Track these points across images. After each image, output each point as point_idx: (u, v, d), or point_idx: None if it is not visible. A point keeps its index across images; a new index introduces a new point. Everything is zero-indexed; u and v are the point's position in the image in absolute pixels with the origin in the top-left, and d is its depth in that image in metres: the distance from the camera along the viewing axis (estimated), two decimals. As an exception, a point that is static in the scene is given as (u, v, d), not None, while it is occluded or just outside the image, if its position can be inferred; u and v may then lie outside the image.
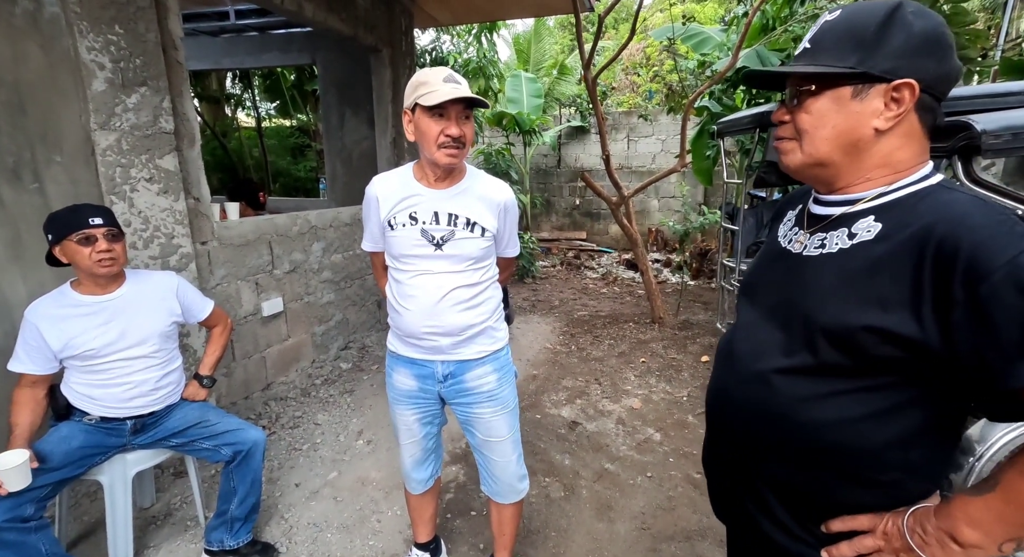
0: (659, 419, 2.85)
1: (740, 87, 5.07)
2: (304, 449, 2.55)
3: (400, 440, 1.55)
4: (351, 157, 4.99)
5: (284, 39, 4.98)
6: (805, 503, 0.76)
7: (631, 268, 6.95)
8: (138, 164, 2.13)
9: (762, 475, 0.79)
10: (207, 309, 1.86)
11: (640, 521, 2.03)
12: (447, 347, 1.36)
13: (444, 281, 1.31)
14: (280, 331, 3.18)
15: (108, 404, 1.61)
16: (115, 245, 1.54)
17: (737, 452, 0.83)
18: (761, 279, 0.87)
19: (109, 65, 1.99)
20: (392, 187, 1.35)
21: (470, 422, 1.47)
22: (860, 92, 0.69)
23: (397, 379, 1.46)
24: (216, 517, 1.78)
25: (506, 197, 1.38)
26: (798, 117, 0.74)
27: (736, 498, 0.86)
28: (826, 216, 0.78)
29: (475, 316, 1.36)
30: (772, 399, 0.75)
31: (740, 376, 0.81)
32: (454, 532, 1.98)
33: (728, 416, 0.84)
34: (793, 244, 0.81)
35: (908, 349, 0.64)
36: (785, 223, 0.89)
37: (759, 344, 0.80)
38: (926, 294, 0.63)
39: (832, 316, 0.69)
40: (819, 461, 0.72)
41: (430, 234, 1.30)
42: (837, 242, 0.74)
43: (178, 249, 2.34)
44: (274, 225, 3.06)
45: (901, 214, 0.69)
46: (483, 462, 1.53)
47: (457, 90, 1.18)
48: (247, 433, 1.77)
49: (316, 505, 2.13)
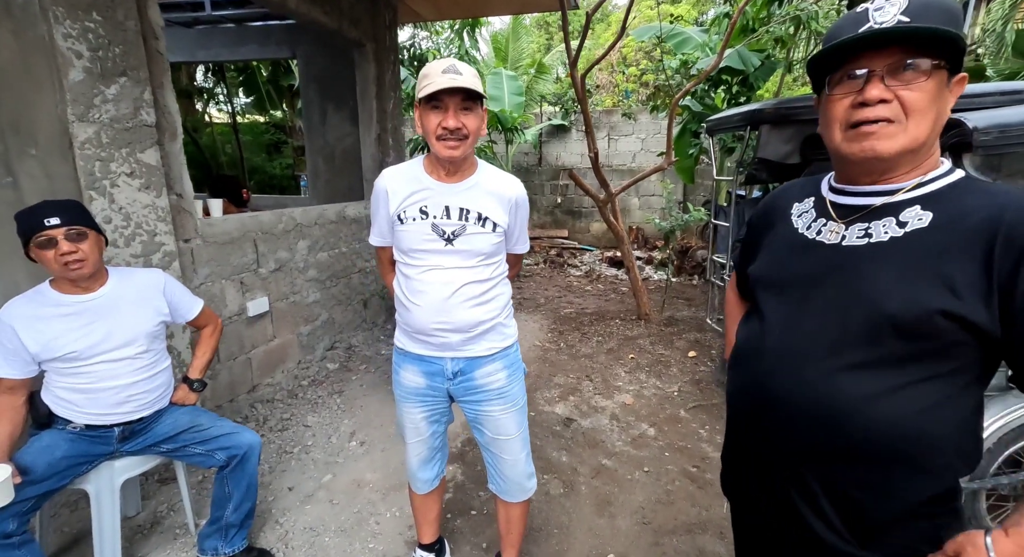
0: (652, 414, 2.87)
1: (721, 86, 5.17)
2: (295, 452, 2.48)
3: (406, 439, 1.52)
4: (333, 154, 4.88)
5: (262, 32, 4.84)
6: (861, 502, 0.74)
7: (614, 265, 7.01)
8: (118, 158, 2.03)
9: (818, 475, 0.77)
10: (196, 308, 1.79)
11: (641, 516, 2.04)
12: (457, 344, 1.34)
13: (454, 276, 1.28)
14: (266, 331, 3.09)
15: (93, 410, 1.52)
16: (80, 245, 1.44)
17: (785, 454, 0.80)
18: (790, 273, 0.84)
19: (87, 54, 1.89)
20: (402, 180, 1.31)
21: (479, 420, 1.45)
22: (949, 79, 0.70)
23: (405, 377, 1.43)
24: (210, 524, 1.71)
25: (518, 192, 1.36)
26: (908, 96, 0.69)
27: (779, 499, 0.83)
28: (863, 206, 0.77)
29: (485, 312, 1.34)
30: (835, 398, 0.73)
31: (789, 375, 0.78)
32: (455, 532, 1.96)
33: (774, 417, 0.80)
34: (826, 235, 0.80)
35: (974, 334, 0.65)
36: (800, 215, 0.87)
37: (807, 341, 0.77)
38: (995, 280, 0.64)
39: (902, 304, 0.68)
40: (889, 456, 0.71)
41: (441, 228, 1.27)
42: (887, 231, 0.73)
43: (161, 247, 2.25)
44: (259, 223, 2.97)
45: (950, 203, 0.70)
46: (491, 460, 1.51)
47: (454, 80, 1.14)
48: (242, 437, 1.71)
49: (311, 509, 2.07)
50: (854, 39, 0.70)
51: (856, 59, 0.72)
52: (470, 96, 1.19)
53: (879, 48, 0.70)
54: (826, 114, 0.78)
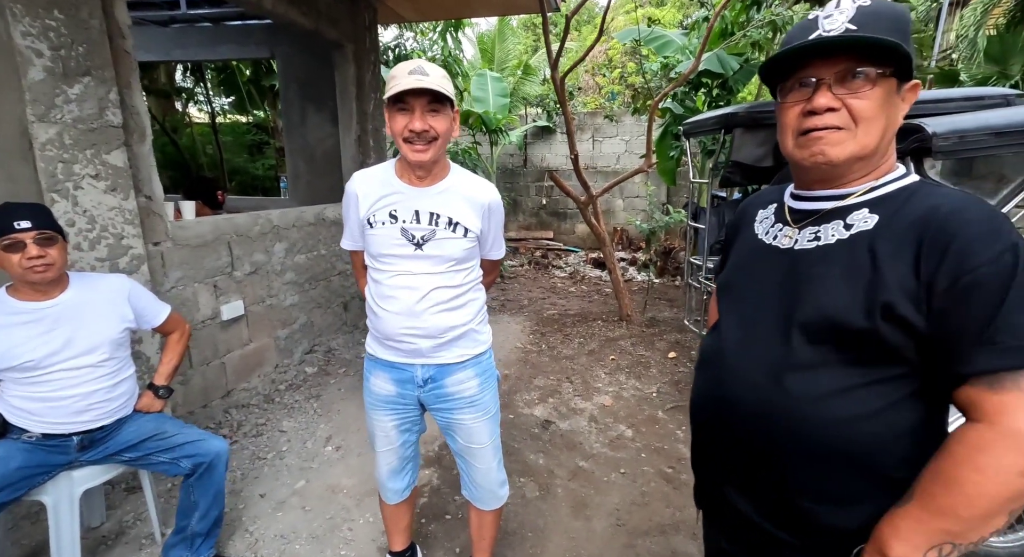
0: (630, 416, 2.88)
1: (701, 89, 5.22)
2: (269, 458, 2.45)
3: (376, 448, 1.49)
4: (314, 155, 4.83)
5: (240, 31, 4.77)
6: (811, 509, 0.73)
7: (598, 267, 7.04)
8: (82, 160, 1.99)
9: (769, 479, 0.77)
10: (162, 314, 1.75)
11: (615, 517, 2.05)
12: (427, 350, 1.32)
13: (424, 282, 1.27)
14: (241, 335, 3.04)
15: (51, 419, 1.48)
16: (48, 249, 1.41)
17: (740, 456, 0.80)
18: (746, 278, 0.85)
19: (48, 53, 1.85)
20: (373, 184, 1.29)
21: (451, 428, 1.43)
22: (899, 85, 0.71)
23: (375, 383, 1.41)
24: (175, 533, 1.68)
25: (491, 197, 1.34)
26: (856, 104, 0.69)
27: (736, 505, 0.83)
28: (814, 211, 0.78)
29: (456, 318, 1.32)
30: (783, 398, 0.73)
31: (741, 377, 0.79)
32: (429, 537, 1.94)
33: (728, 419, 0.81)
34: (781, 240, 0.81)
35: (909, 334, 0.65)
36: (762, 221, 0.88)
37: (758, 343, 0.78)
38: (922, 278, 0.64)
39: (841, 306, 0.69)
40: (835, 460, 0.71)
41: (410, 233, 1.25)
42: (834, 233, 0.74)
43: (128, 250, 2.20)
44: (234, 225, 2.92)
45: (896, 206, 0.71)
46: (464, 467, 1.50)
47: (419, 81, 1.12)
48: (208, 444, 1.68)
49: (283, 516, 2.04)
50: (801, 47, 0.71)
51: (805, 67, 0.72)
52: (437, 98, 1.16)
53: (827, 57, 0.70)
54: (780, 121, 0.79)
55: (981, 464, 0.60)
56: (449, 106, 1.20)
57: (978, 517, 0.60)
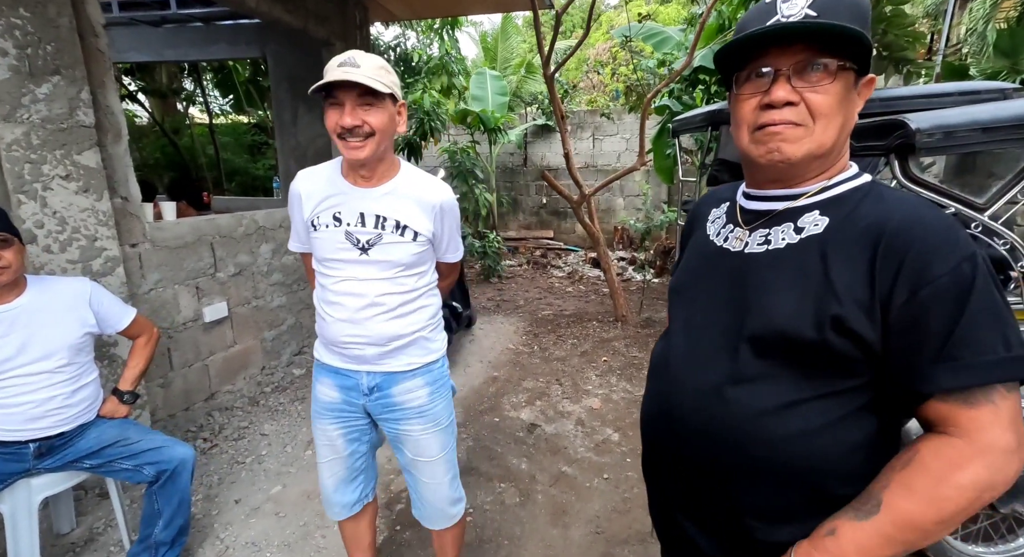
0: (618, 419, 2.82)
1: (699, 86, 5.13)
2: (247, 462, 2.41)
3: (319, 459, 1.39)
4: (305, 155, 4.80)
5: (231, 31, 4.75)
6: (751, 526, 0.69)
7: (597, 266, 6.97)
8: (52, 160, 1.96)
9: (711, 494, 0.73)
10: (126, 318, 1.72)
11: (595, 525, 1.99)
12: (372, 357, 1.26)
13: (369, 288, 1.21)
14: (225, 337, 3.01)
15: (6, 426, 1.45)
16: (3, 252, 1.39)
17: (684, 471, 0.76)
18: (696, 281, 0.81)
19: (13, 51, 1.82)
20: (317, 183, 1.23)
21: (399, 439, 1.36)
22: (857, 80, 0.67)
23: (320, 390, 1.35)
24: (138, 543, 1.65)
25: (442, 198, 1.26)
26: (814, 99, 0.64)
27: (674, 519, 0.80)
28: (766, 212, 0.73)
29: (404, 326, 1.26)
30: (726, 413, 0.69)
31: (685, 389, 0.74)
32: (403, 545, 1.90)
33: (672, 434, 0.76)
34: (731, 242, 0.76)
35: (861, 348, 0.62)
36: (714, 221, 0.83)
37: (703, 353, 0.74)
38: (876, 291, 0.61)
39: (789, 315, 0.65)
40: (781, 477, 0.67)
41: (355, 237, 1.19)
42: (784, 237, 0.70)
43: (102, 252, 2.17)
44: (216, 226, 2.89)
45: (848, 209, 0.67)
46: (412, 483, 1.41)
47: (347, 73, 1.04)
48: (172, 451, 1.64)
49: (256, 522, 2.01)
50: (759, 34, 0.65)
51: (763, 56, 0.67)
52: (369, 90, 1.08)
53: (785, 45, 0.65)
54: (734, 114, 0.73)
55: (961, 482, 0.58)
56: (388, 99, 1.12)
57: (944, 530, 0.60)
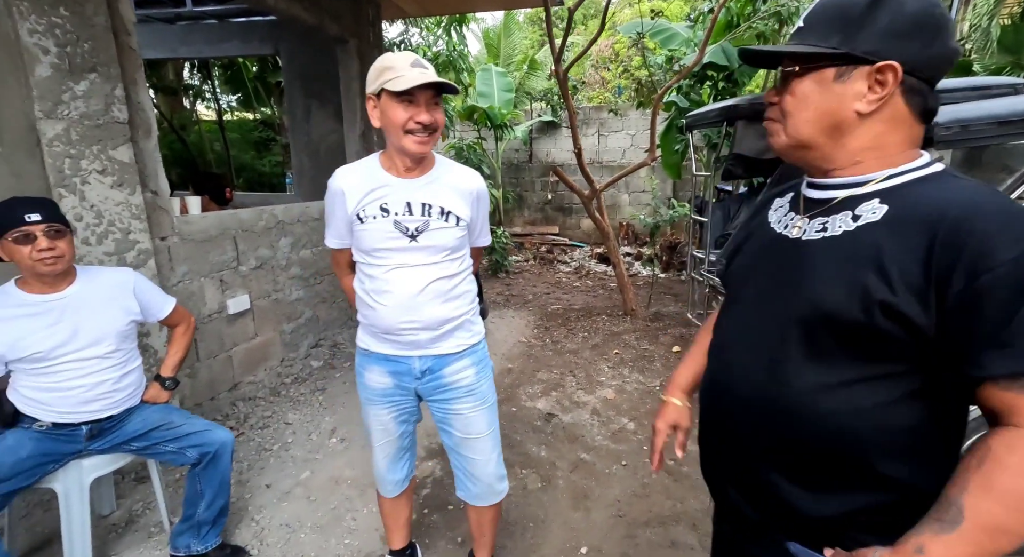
0: (633, 409, 2.89)
1: (706, 82, 5.18)
2: (275, 449, 2.48)
3: (374, 441, 1.49)
4: (318, 151, 4.86)
5: (245, 28, 4.80)
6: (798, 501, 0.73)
7: (603, 262, 7.03)
8: (89, 155, 2.02)
9: (758, 466, 0.77)
10: (167, 307, 1.78)
11: (616, 509, 2.06)
12: (425, 341, 1.33)
13: (421, 273, 1.28)
14: (247, 329, 3.08)
15: (60, 409, 1.52)
16: (58, 242, 1.45)
17: (734, 443, 0.80)
18: (753, 267, 0.84)
19: (54, 49, 1.87)
20: (358, 178, 1.30)
21: (447, 420, 1.44)
22: (843, 74, 0.68)
23: (370, 378, 1.41)
24: (182, 522, 1.71)
25: (478, 185, 1.36)
26: (783, 99, 0.74)
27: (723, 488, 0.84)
28: (827, 200, 0.75)
29: (454, 309, 1.33)
30: (775, 390, 0.73)
31: (737, 367, 0.79)
32: (431, 527, 1.97)
33: (723, 408, 0.81)
34: (790, 230, 0.79)
35: (911, 332, 0.63)
36: (777, 209, 0.86)
37: (755, 333, 0.78)
38: (932, 277, 0.62)
39: (836, 300, 0.67)
40: (826, 453, 0.70)
41: (404, 225, 1.26)
42: (841, 225, 0.71)
43: (135, 245, 2.23)
44: (238, 220, 2.95)
45: (908, 197, 0.68)
46: (460, 463, 1.49)
47: (425, 75, 1.15)
48: (213, 434, 1.71)
49: (288, 506, 2.08)
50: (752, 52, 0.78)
51: None
52: (438, 91, 1.20)
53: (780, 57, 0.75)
54: None
55: None
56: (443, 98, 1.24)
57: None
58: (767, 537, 0.80)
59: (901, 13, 0.66)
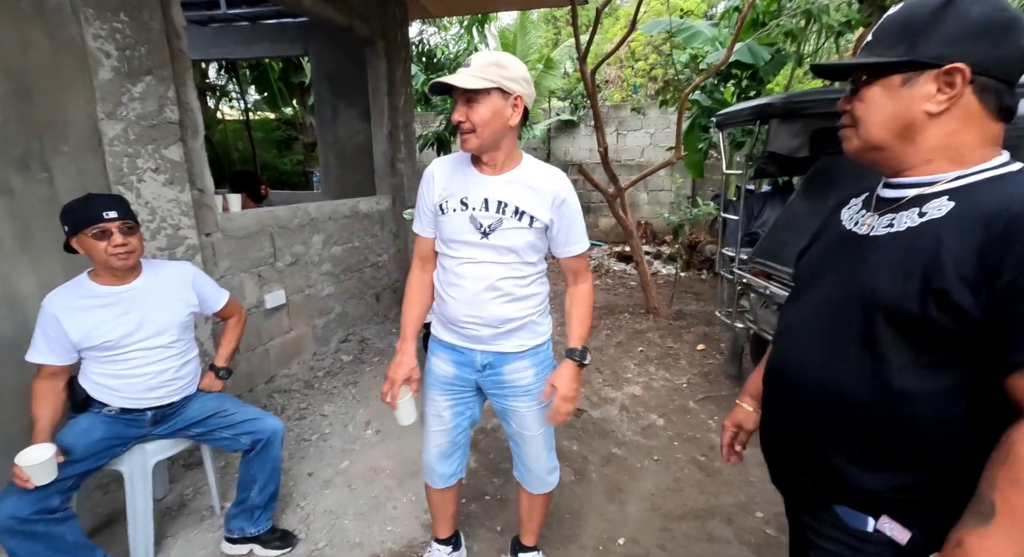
0: (661, 405, 2.92)
1: (730, 81, 5.17)
2: (313, 440, 2.56)
3: (428, 428, 1.52)
4: (344, 150, 4.95)
5: (275, 30, 4.91)
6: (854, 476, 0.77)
7: (622, 260, 7.03)
8: (144, 154, 2.11)
9: (817, 444, 0.82)
10: (222, 300, 1.86)
11: (650, 502, 2.10)
12: (487, 337, 1.36)
13: (488, 271, 1.29)
14: (282, 324, 3.17)
15: (128, 395, 1.60)
16: (130, 238, 1.53)
17: (794, 423, 0.86)
18: (821, 263, 0.89)
19: (115, 53, 1.96)
20: (448, 169, 1.34)
21: (506, 413, 1.48)
22: (909, 79, 0.73)
23: (436, 364, 1.46)
24: (236, 505, 1.79)
25: (560, 185, 1.30)
26: (854, 105, 0.79)
27: (786, 468, 0.90)
28: (898, 198, 0.79)
29: (517, 310, 1.34)
30: (838, 376, 0.77)
31: (800, 353, 0.84)
32: (470, 516, 2.02)
33: (784, 392, 0.87)
34: (860, 227, 0.83)
35: (963, 322, 0.66)
36: (850, 208, 0.90)
37: (819, 322, 0.82)
38: (986, 268, 0.64)
39: (896, 291, 0.71)
40: (882, 432, 0.74)
41: (478, 221, 1.28)
42: (906, 221, 0.75)
43: (184, 240, 2.32)
44: (275, 217, 3.04)
45: (977, 194, 0.70)
46: (516, 452, 1.55)
47: (448, 77, 1.16)
48: (266, 422, 1.78)
49: (330, 493, 2.15)
50: (825, 67, 0.86)
51: None
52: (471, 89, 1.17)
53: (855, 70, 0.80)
54: None
55: None
56: (495, 93, 1.18)
57: None
58: (816, 503, 0.86)
59: (966, 17, 0.69)
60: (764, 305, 2.67)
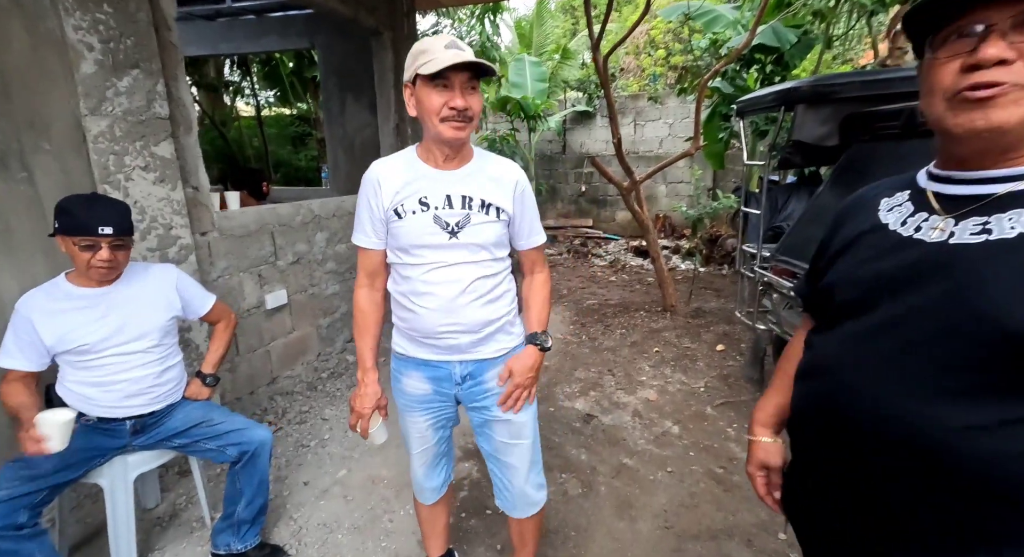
0: (676, 411, 2.76)
1: (754, 66, 4.91)
2: (312, 446, 2.48)
3: (411, 449, 1.43)
4: (353, 145, 4.87)
5: (282, 23, 4.83)
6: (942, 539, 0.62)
7: (639, 255, 6.84)
8: (132, 151, 2.03)
9: (885, 509, 0.66)
10: (208, 304, 1.77)
11: (663, 519, 1.95)
12: (466, 345, 1.25)
13: (463, 273, 1.19)
14: (284, 324, 3.10)
15: (106, 404, 1.52)
16: (118, 253, 1.46)
17: (852, 480, 0.69)
18: (877, 276, 0.69)
19: (98, 46, 1.88)
20: (396, 170, 1.22)
21: (487, 425, 1.36)
22: None
23: (408, 384, 1.34)
24: (222, 520, 1.71)
25: (517, 174, 1.26)
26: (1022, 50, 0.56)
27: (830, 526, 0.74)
28: (982, 195, 0.62)
29: (494, 311, 1.25)
30: (928, 426, 0.60)
31: (861, 394, 0.66)
32: (469, 532, 1.91)
33: (839, 440, 0.70)
34: (927, 232, 0.66)
35: None
36: (892, 210, 0.73)
37: (888, 356, 0.65)
38: None
39: None
40: (986, 498, 0.58)
41: (443, 220, 1.18)
42: (1013, 225, 0.58)
43: (177, 240, 2.25)
44: (276, 215, 2.96)
45: None
46: (498, 471, 1.42)
47: (460, 56, 1.06)
48: (253, 433, 1.69)
49: (326, 504, 2.06)
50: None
51: (971, 12, 0.58)
52: (476, 74, 1.11)
53: None
54: (927, 81, 0.64)
55: None
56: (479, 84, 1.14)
57: None
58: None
59: None
60: (788, 306, 2.48)
